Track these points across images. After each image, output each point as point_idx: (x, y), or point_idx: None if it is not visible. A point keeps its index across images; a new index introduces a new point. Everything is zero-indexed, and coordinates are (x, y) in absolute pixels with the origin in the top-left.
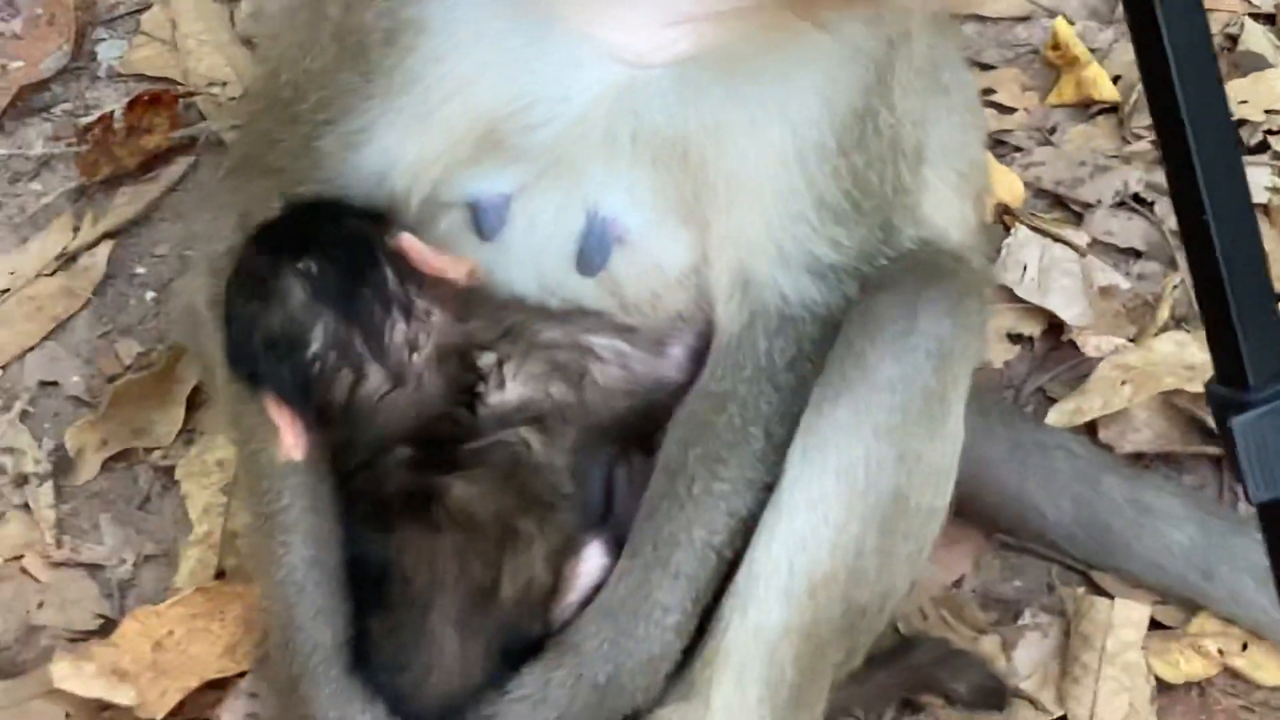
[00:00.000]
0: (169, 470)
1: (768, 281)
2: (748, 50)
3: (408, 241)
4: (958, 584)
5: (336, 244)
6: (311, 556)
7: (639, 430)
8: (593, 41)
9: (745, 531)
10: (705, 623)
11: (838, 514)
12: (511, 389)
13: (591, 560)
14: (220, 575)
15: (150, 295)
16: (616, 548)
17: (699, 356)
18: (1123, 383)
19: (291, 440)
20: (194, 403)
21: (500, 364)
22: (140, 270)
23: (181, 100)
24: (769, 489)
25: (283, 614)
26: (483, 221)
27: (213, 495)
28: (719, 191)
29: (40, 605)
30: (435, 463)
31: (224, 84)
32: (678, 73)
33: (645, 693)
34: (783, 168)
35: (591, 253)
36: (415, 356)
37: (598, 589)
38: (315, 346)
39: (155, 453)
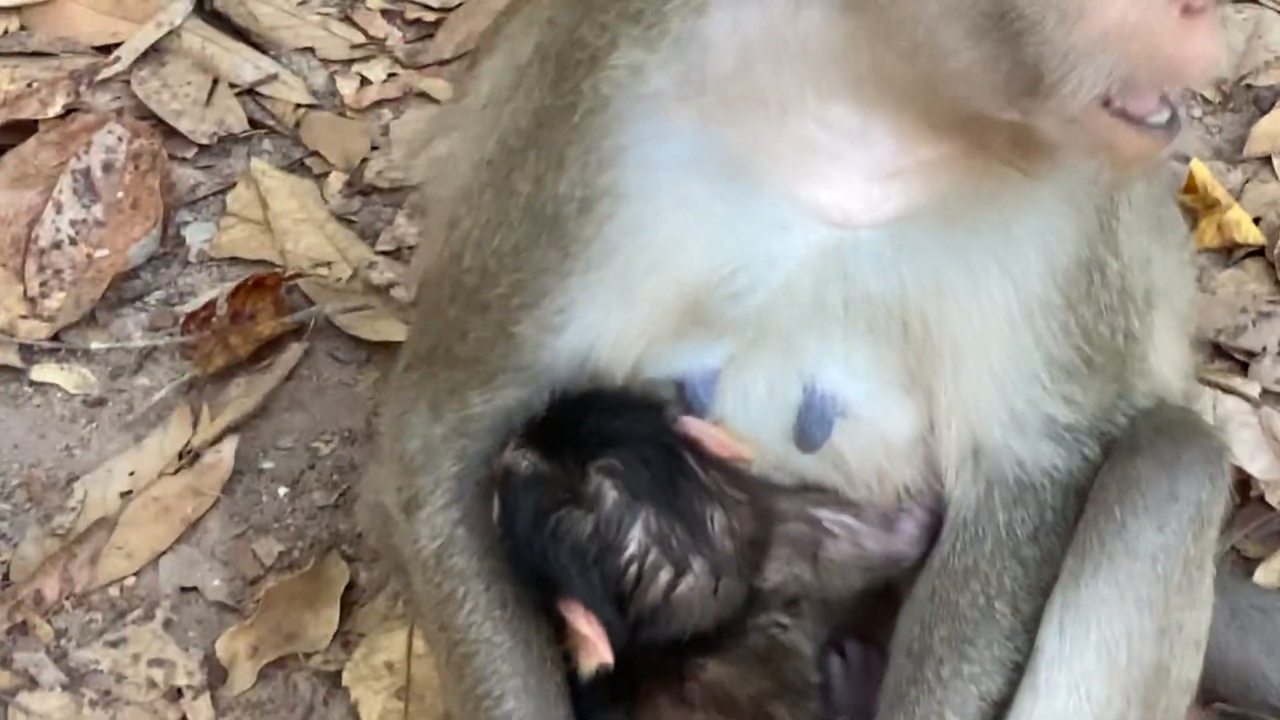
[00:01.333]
0: (332, 676)
1: (1001, 448)
2: (961, 205)
3: (695, 425)
4: None
5: (637, 438)
6: None
7: (874, 612)
8: (798, 204)
9: (996, 714)
10: None
11: (1100, 692)
12: (768, 570)
13: None
14: None
15: (283, 491)
16: None
17: (931, 531)
18: None
19: (601, 648)
20: (347, 602)
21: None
22: (268, 465)
23: (284, 283)
24: (1018, 668)
25: None
26: (692, 398)
27: (387, 700)
28: (943, 356)
29: None
30: (692, 643)
31: (329, 264)
32: (890, 232)
33: None
34: (1009, 327)
35: (812, 428)
36: (731, 544)
37: None
38: (632, 549)
39: (315, 658)
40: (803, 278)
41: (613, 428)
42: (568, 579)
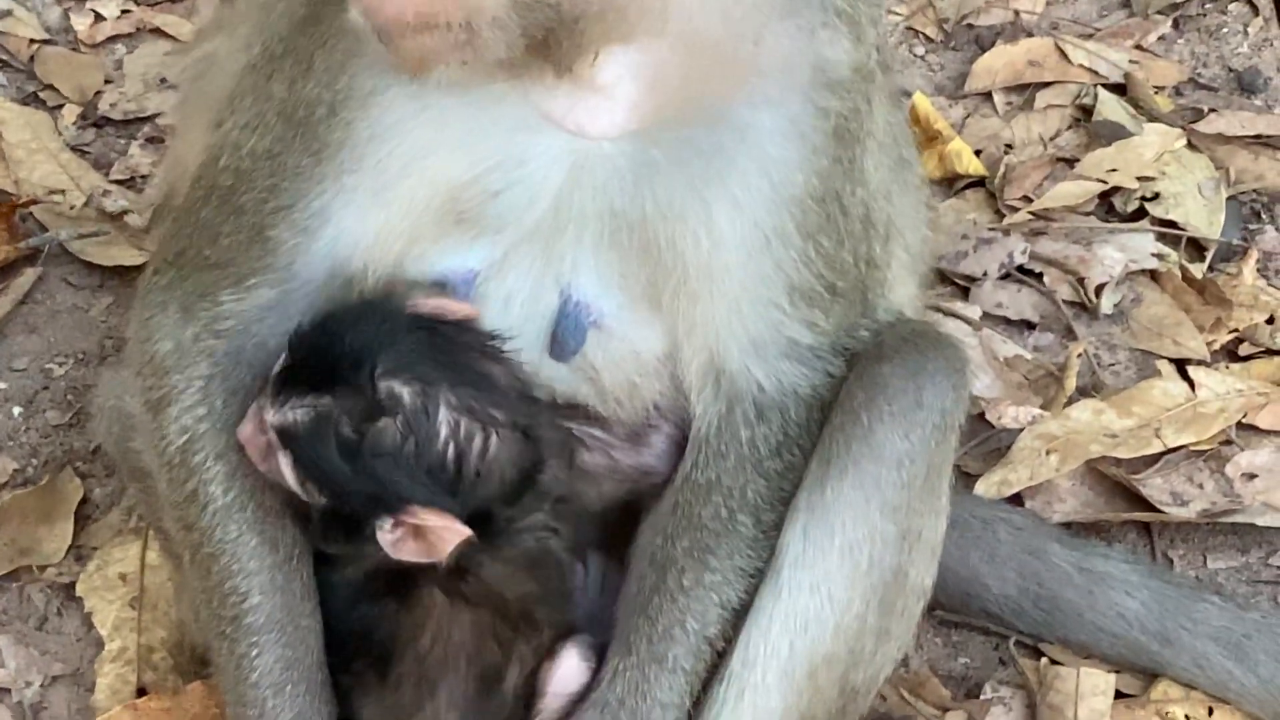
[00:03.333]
0: (66, 588)
1: (741, 370)
2: (684, 129)
3: (424, 302)
4: (904, 665)
5: (396, 333)
6: (288, 657)
7: (619, 528)
8: (537, 110)
9: (736, 620)
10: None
11: (841, 593)
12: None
13: (573, 662)
14: (141, 692)
15: (17, 410)
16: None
17: (680, 446)
18: (1048, 452)
19: (457, 528)
20: (81, 517)
21: None
22: (2, 385)
23: (18, 210)
24: (760, 575)
25: None
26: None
27: (121, 610)
28: (682, 279)
29: None
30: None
31: (62, 192)
32: (627, 148)
33: None
34: (743, 254)
35: (566, 336)
36: (515, 391)
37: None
38: (445, 430)
39: (48, 570)
40: (551, 181)
41: (370, 335)
42: (401, 488)
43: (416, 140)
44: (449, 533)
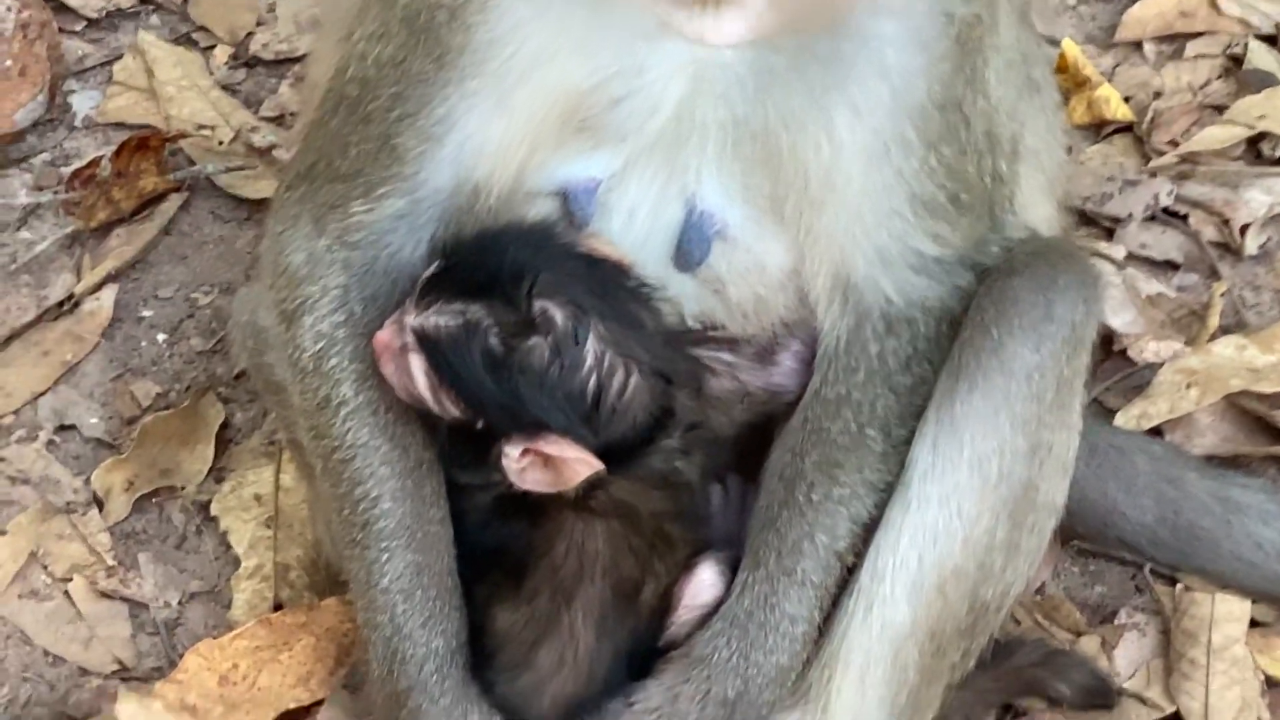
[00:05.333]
0: (204, 507)
1: (868, 282)
2: (805, 35)
3: (586, 239)
4: (1039, 591)
5: (558, 258)
6: (418, 562)
7: (754, 450)
8: (656, 16)
9: (866, 535)
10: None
11: (971, 507)
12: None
13: (707, 576)
14: (278, 607)
15: (161, 337)
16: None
17: (809, 365)
18: (1188, 386)
19: (591, 461)
20: (222, 440)
21: None
22: (147, 313)
23: (168, 145)
24: (890, 490)
25: (387, 625)
26: (575, 209)
27: (257, 529)
28: (804, 188)
29: (88, 644)
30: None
31: (211, 128)
32: (748, 55)
33: (771, 707)
34: (864, 162)
35: (691, 245)
36: (660, 336)
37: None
38: (590, 359)
39: (188, 490)
40: (673, 90)
41: (531, 253)
42: (540, 409)
43: (536, 45)
44: (580, 464)
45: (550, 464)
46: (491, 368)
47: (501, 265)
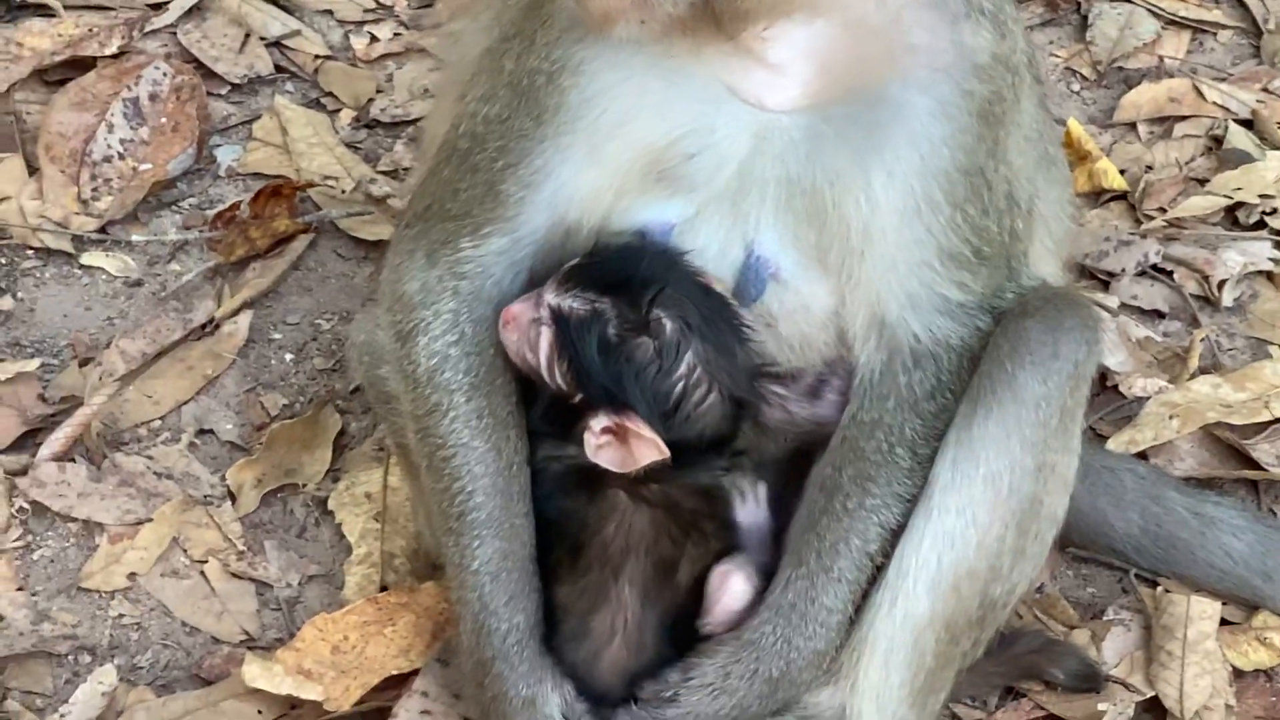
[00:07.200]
0: (322, 502)
1: (900, 323)
2: (848, 106)
3: (712, 276)
4: (1039, 590)
5: (682, 279)
6: (504, 548)
7: (794, 465)
8: (723, 84)
9: (893, 539)
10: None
11: (984, 516)
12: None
13: (737, 575)
14: (383, 589)
15: (289, 356)
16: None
17: (847, 398)
18: (1171, 417)
19: (661, 446)
20: (339, 446)
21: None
22: (277, 336)
23: (298, 193)
24: (915, 500)
25: (476, 603)
26: None
27: (366, 522)
28: (847, 240)
29: (220, 618)
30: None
31: (336, 179)
32: (802, 122)
33: (808, 686)
34: (899, 218)
35: (749, 285)
36: (745, 369)
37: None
38: (683, 370)
39: (308, 488)
40: (737, 148)
41: (661, 269)
42: (631, 396)
43: (621, 106)
44: (652, 446)
45: (625, 443)
46: (604, 351)
47: (635, 273)
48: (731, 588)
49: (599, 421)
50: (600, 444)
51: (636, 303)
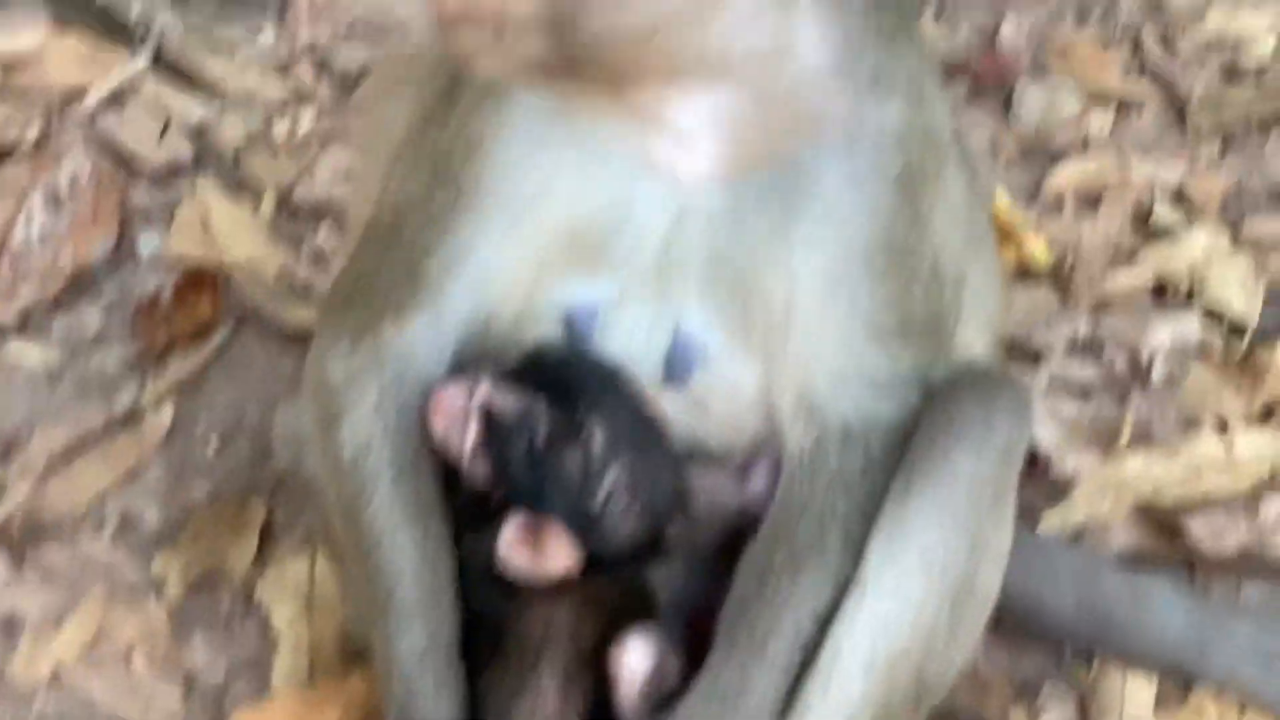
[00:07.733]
0: (249, 592)
1: (828, 402)
2: (766, 179)
3: (655, 402)
4: (973, 668)
5: (620, 397)
6: (430, 635)
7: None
8: (637, 156)
9: (826, 620)
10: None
11: (918, 595)
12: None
13: (636, 649)
14: (312, 677)
15: (214, 445)
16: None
17: (778, 478)
18: (1102, 494)
19: (576, 555)
20: (266, 533)
21: None
22: (200, 425)
23: (221, 280)
24: (848, 580)
25: (402, 691)
26: (574, 331)
27: (295, 610)
28: (772, 315)
29: (146, 709)
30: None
31: (259, 266)
32: (721, 194)
33: None
34: (820, 293)
35: (676, 367)
36: (672, 492)
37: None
38: (608, 486)
39: (235, 577)
40: (658, 223)
41: (605, 384)
42: (554, 502)
43: (536, 179)
44: (565, 555)
45: (540, 544)
46: (529, 455)
47: (575, 384)
48: (630, 663)
49: (516, 521)
50: (516, 540)
51: (571, 412)
